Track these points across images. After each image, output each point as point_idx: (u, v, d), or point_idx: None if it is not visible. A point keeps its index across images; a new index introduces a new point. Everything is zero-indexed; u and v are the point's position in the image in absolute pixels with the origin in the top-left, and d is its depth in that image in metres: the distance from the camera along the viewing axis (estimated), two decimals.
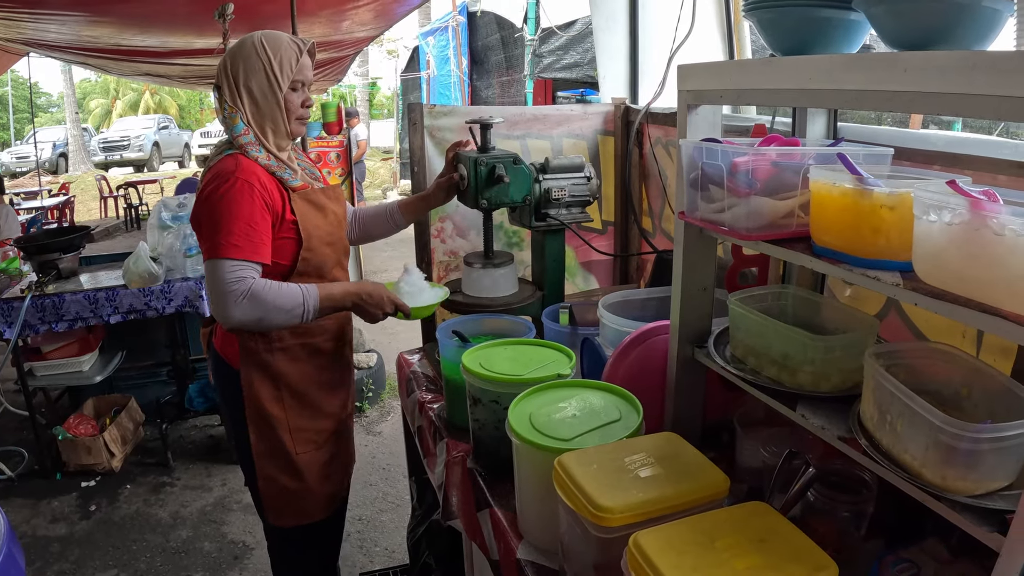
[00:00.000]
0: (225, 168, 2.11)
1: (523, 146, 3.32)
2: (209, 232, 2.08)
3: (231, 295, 2.04)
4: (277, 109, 2.19)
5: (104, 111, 33.52)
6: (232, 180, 2.08)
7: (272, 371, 2.30)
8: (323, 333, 2.39)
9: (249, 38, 2.18)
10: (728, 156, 1.44)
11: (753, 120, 2.58)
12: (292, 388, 2.34)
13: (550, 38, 9.41)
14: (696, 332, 1.81)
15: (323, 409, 2.43)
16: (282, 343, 2.30)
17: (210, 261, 2.07)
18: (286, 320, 2.14)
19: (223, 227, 2.05)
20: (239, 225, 2.06)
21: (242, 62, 2.15)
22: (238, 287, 2.05)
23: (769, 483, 1.57)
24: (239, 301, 2.05)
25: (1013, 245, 0.97)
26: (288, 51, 2.18)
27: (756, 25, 1.58)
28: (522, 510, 1.74)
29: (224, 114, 2.19)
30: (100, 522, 4.24)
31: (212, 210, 2.08)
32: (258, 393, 2.30)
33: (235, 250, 2.05)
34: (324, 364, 2.42)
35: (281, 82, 2.16)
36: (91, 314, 4.32)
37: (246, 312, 2.06)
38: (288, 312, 2.12)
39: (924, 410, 1.12)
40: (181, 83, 11.84)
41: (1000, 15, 1.19)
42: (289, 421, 2.34)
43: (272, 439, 2.34)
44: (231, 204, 2.07)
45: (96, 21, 5.93)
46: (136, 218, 14.31)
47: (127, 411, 5.01)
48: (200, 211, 2.12)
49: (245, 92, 2.16)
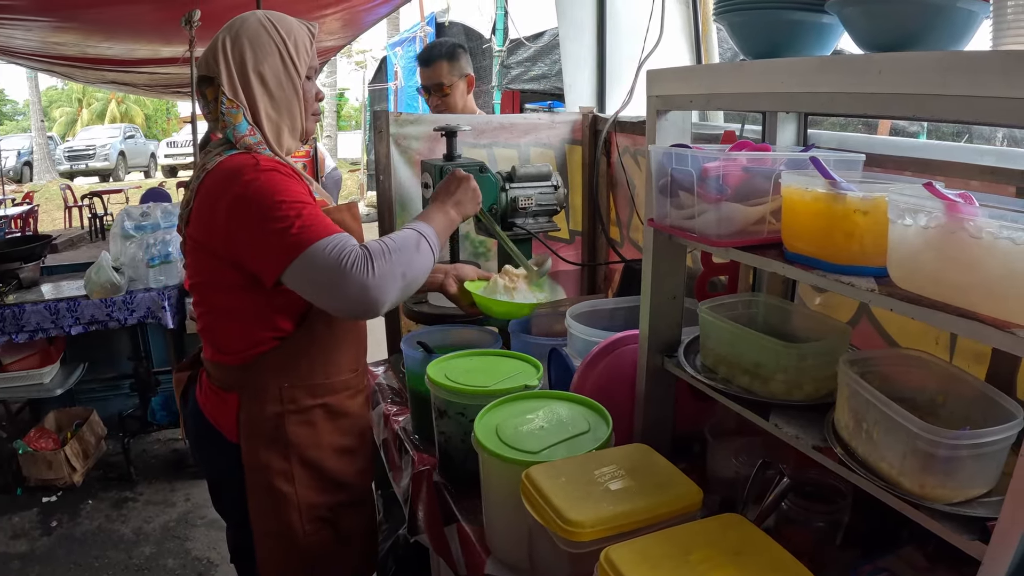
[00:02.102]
0: (240, 163, 1.70)
1: (490, 155, 3.28)
2: (262, 238, 1.64)
3: (355, 271, 1.59)
4: (296, 100, 1.83)
5: (70, 119, 33.26)
6: (257, 172, 1.67)
7: (282, 441, 1.87)
8: (345, 389, 1.99)
9: (251, 15, 1.81)
10: (698, 162, 1.42)
11: (722, 127, 2.57)
12: (304, 458, 1.90)
13: (518, 49, 9.44)
14: (666, 341, 1.78)
15: (337, 479, 1.98)
16: (295, 405, 1.87)
17: (295, 263, 1.62)
18: (427, 264, 1.76)
19: (280, 219, 1.62)
20: (295, 207, 1.64)
21: (248, 42, 1.75)
22: (354, 257, 1.60)
23: (743, 494, 1.55)
24: (368, 271, 1.60)
25: (991, 248, 0.95)
26: (300, 32, 1.84)
27: (727, 29, 1.56)
28: (490, 525, 1.69)
29: (221, 111, 1.76)
30: (62, 538, 4.15)
31: (246, 214, 1.65)
32: (265, 468, 1.87)
33: (310, 231, 1.61)
34: (344, 427, 2.00)
35: (299, 67, 1.81)
36: (52, 325, 4.23)
37: (387, 275, 1.63)
38: (418, 251, 1.74)
39: (902, 417, 1.10)
40: (147, 92, 11.70)
41: (975, 16, 1.17)
42: (299, 497, 1.90)
43: (280, 519, 1.90)
44: (274, 192, 1.64)
45: (61, 27, 5.85)
46: (101, 228, 14.12)
47: (89, 424, 4.91)
48: (227, 226, 1.68)
49: (256, 80, 1.76)
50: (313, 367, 1.90)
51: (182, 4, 4.77)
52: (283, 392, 1.86)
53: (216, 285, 1.81)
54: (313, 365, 1.89)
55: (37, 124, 24.55)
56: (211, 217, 1.71)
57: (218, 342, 1.89)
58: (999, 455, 1.09)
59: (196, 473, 4.70)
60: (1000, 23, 1.06)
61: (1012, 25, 1.03)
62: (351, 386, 2.01)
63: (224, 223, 1.68)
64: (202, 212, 1.74)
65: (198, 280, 1.85)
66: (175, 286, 4.41)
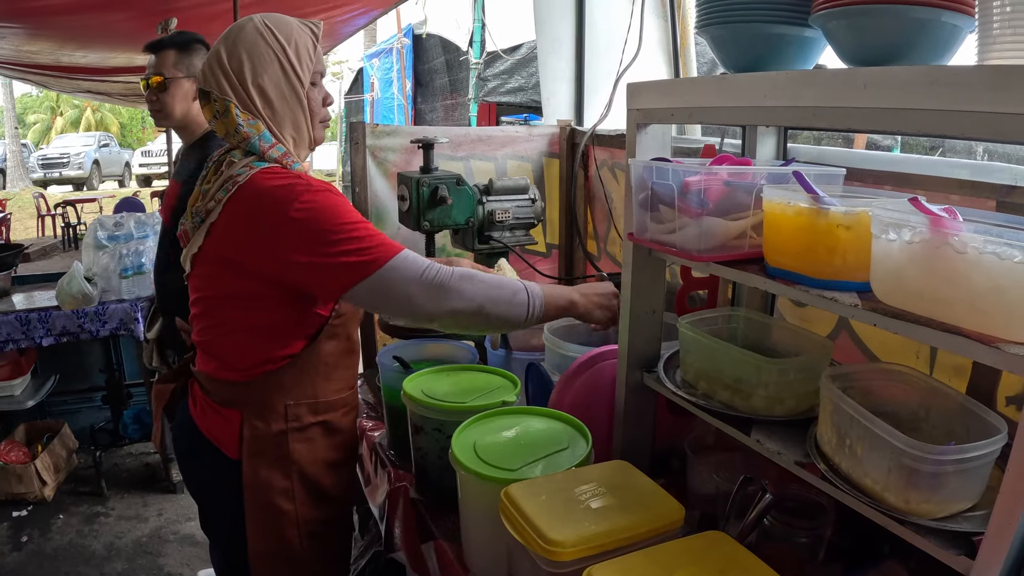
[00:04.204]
0: (288, 183, 1.64)
1: (467, 167, 3.27)
2: (331, 256, 1.61)
3: (437, 278, 1.61)
4: (300, 110, 1.75)
5: (44, 127, 32.97)
6: (313, 192, 1.62)
7: (284, 459, 1.83)
8: (343, 406, 1.96)
9: (247, 21, 1.71)
10: (679, 176, 1.41)
11: (702, 141, 2.57)
12: (304, 474, 1.87)
13: (495, 62, 9.44)
14: (645, 356, 1.76)
15: (329, 494, 1.94)
16: (298, 422, 1.84)
17: (371, 278, 1.61)
18: (507, 311, 1.71)
19: (350, 239, 1.60)
20: (361, 228, 1.62)
21: (246, 53, 1.67)
22: (435, 269, 1.62)
23: (724, 510, 1.53)
24: (450, 281, 1.62)
25: (976, 263, 0.95)
26: (301, 35, 1.74)
27: (709, 42, 1.56)
28: (468, 542, 1.67)
29: (239, 123, 1.69)
30: (32, 554, 4.06)
31: (311, 233, 1.60)
32: (266, 487, 1.82)
33: (387, 248, 1.62)
34: (338, 443, 1.96)
35: (302, 75, 1.73)
36: (23, 336, 4.13)
37: (465, 292, 1.63)
38: (511, 299, 1.71)
39: (886, 433, 1.09)
40: (122, 100, 11.61)
41: (960, 31, 1.17)
42: (298, 513, 1.87)
43: (278, 537, 1.86)
44: (339, 213, 1.62)
45: (35, 35, 5.79)
46: (74, 237, 13.89)
47: (60, 438, 4.81)
48: (278, 247, 1.62)
49: (256, 93, 1.69)
50: (316, 385, 1.86)
51: (158, 12, 4.73)
52: (288, 410, 1.82)
53: (234, 300, 1.75)
54: (316, 383, 1.86)
55: (11, 131, 24.25)
56: (250, 236, 1.65)
57: (224, 357, 1.83)
58: (984, 470, 1.09)
59: (169, 488, 4.64)
60: (985, 38, 1.06)
61: (998, 40, 1.03)
62: (348, 403, 1.99)
63: (273, 244, 1.63)
64: (234, 228, 1.66)
65: (210, 294, 1.79)
66: (148, 297, 4.35)
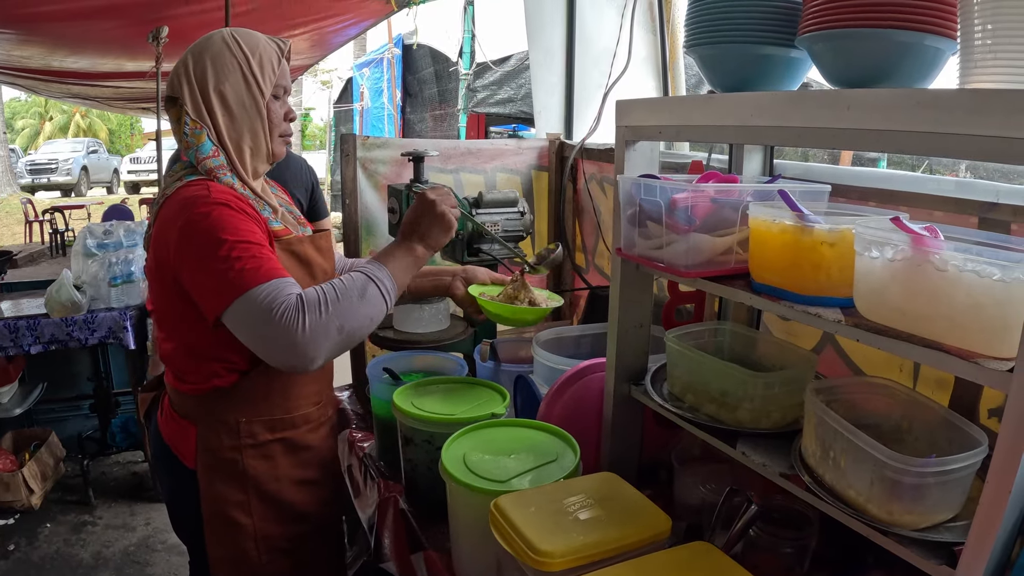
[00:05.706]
0: (193, 194, 1.65)
1: (457, 180, 3.28)
2: (204, 276, 1.60)
3: (286, 323, 1.51)
4: (258, 120, 1.76)
5: (33, 132, 32.73)
6: (208, 205, 1.62)
7: (239, 474, 1.82)
8: (306, 423, 1.92)
9: (216, 34, 1.75)
10: (667, 192, 1.43)
11: (689, 156, 2.59)
12: (262, 491, 1.85)
13: (484, 73, 9.48)
14: (633, 369, 1.78)
15: (296, 510, 1.91)
16: (253, 439, 1.82)
17: (231, 307, 1.56)
18: (373, 313, 1.65)
19: (221, 259, 1.57)
20: (239, 248, 1.58)
21: (210, 61, 1.70)
22: (285, 308, 1.52)
23: (710, 521, 1.55)
24: (299, 325, 1.52)
25: (955, 280, 0.97)
26: (267, 49, 1.77)
27: (697, 61, 1.58)
28: (458, 553, 1.68)
29: (184, 131, 1.72)
30: (19, 562, 4.04)
31: (191, 249, 1.61)
32: (220, 498, 1.82)
33: (252, 275, 1.55)
34: (306, 460, 1.93)
35: (263, 86, 1.74)
36: (11, 343, 4.11)
37: (319, 330, 1.54)
38: (363, 299, 1.62)
39: (868, 446, 1.12)
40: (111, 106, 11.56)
41: (942, 54, 1.20)
42: (256, 528, 1.85)
43: (233, 546, 1.85)
44: (219, 230, 1.59)
45: (27, 40, 5.79)
46: (62, 244, 13.87)
47: (47, 446, 4.78)
48: (178, 257, 1.63)
49: (216, 99, 1.71)
50: (272, 402, 1.84)
51: (149, 20, 4.74)
52: (241, 427, 1.81)
53: (175, 313, 1.76)
54: (272, 400, 1.84)
55: None
56: (165, 246, 1.67)
57: (177, 370, 1.84)
58: (964, 481, 1.11)
59: (156, 497, 4.61)
60: (967, 61, 1.09)
61: (979, 64, 1.06)
62: (312, 420, 1.94)
63: (175, 254, 1.64)
64: (159, 239, 1.69)
65: (158, 306, 1.81)
66: (137, 306, 4.34)
